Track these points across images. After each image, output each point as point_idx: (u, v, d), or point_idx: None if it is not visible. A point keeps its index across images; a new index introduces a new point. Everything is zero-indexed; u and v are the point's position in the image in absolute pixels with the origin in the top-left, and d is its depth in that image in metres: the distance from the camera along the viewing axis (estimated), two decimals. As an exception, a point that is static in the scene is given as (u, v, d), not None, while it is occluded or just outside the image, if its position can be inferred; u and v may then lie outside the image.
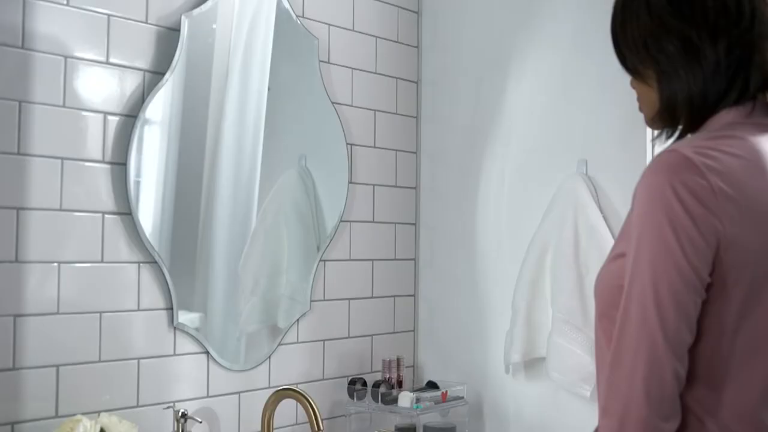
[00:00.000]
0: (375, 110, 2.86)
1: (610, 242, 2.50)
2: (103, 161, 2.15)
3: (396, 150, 2.93)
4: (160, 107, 2.27)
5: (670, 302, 1.36)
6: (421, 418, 2.60)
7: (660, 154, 1.45)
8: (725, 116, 1.48)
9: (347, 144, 2.73)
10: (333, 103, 2.68)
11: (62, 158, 2.08)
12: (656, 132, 1.63)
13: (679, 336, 1.36)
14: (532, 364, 2.67)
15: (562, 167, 2.66)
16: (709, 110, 1.50)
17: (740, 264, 1.40)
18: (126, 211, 2.18)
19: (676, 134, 1.58)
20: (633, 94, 1.61)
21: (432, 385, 2.75)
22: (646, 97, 1.58)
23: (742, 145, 1.44)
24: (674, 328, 1.36)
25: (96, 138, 2.14)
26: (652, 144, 1.65)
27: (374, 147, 2.85)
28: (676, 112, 1.54)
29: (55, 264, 2.06)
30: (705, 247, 1.38)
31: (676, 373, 1.36)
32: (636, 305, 1.37)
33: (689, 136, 1.52)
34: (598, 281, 1.58)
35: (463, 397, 2.72)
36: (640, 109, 1.61)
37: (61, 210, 2.07)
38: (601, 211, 2.55)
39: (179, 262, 2.32)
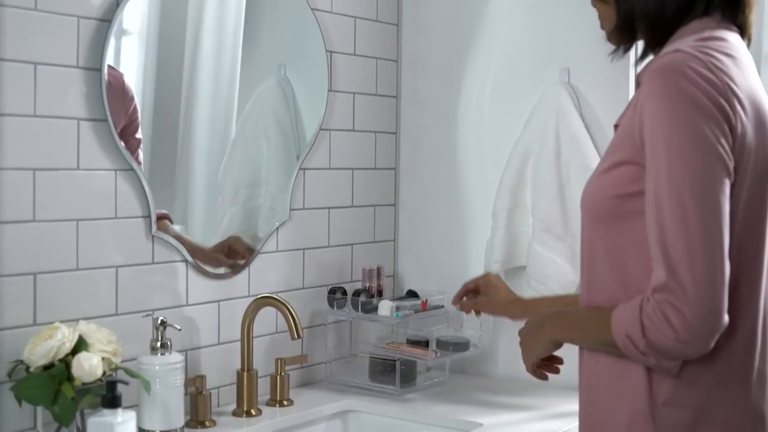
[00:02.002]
0: (354, 17, 2.81)
1: (591, 151, 2.49)
2: (77, 66, 2.11)
3: (376, 58, 2.89)
4: (135, 11, 2.22)
5: (721, 194, 1.37)
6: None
7: (661, 56, 1.46)
8: (697, 25, 1.50)
9: (327, 51, 2.69)
10: (312, 9, 2.63)
11: (35, 63, 2.03)
12: (612, 48, 1.65)
13: (725, 228, 1.38)
14: (513, 273, 2.68)
15: (545, 75, 2.63)
16: (669, 23, 1.53)
17: (744, 161, 1.42)
18: (102, 118, 2.15)
19: (636, 50, 1.61)
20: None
21: (412, 294, 2.76)
22: (606, 14, 1.61)
23: (729, 45, 1.48)
24: (724, 221, 1.37)
25: (70, 42, 2.09)
26: (635, 52, 1.66)
27: (354, 55, 2.81)
28: (635, 26, 1.56)
29: (30, 171, 2.03)
30: (729, 135, 1.40)
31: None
32: (695, 207, 1.35)
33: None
34: (588, 193, 1.58)
35: (443, 306, 2.73)
36: (602, 27, 1.64)
37: (35, 116, 2.04)
38: (583, 120, 2.54)
39: (158, 170, 2.29)
